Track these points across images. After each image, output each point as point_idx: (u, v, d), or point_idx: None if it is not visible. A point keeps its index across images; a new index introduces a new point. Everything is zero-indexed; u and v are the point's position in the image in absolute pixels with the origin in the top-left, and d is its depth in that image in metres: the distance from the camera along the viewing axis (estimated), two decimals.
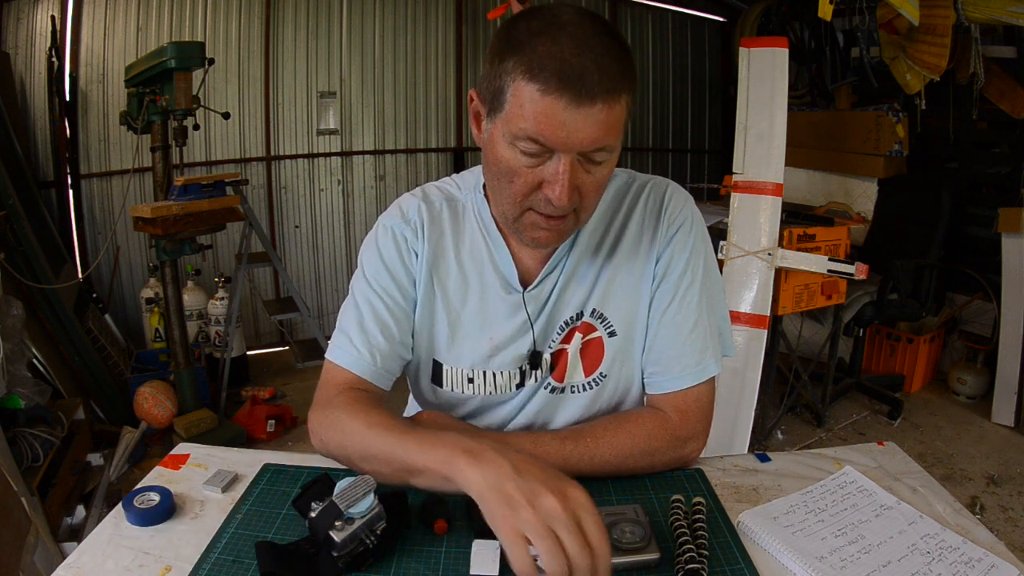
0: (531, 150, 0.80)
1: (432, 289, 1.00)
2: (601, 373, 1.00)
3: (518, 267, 0.98)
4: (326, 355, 1.00)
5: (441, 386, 1.03)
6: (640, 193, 1.00)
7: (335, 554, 0.75)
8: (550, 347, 1.00)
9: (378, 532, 0.77)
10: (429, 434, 0.80)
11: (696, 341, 0.98)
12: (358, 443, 0.87)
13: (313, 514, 0.77)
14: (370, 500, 0.77)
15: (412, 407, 1.17)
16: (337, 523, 0.75)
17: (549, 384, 1.01)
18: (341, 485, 0.78)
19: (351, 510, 0.76)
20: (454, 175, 1.07)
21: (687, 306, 0.97)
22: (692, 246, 0.98)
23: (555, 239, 0.90)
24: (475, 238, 1.00)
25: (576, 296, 0.99)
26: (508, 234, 0.99)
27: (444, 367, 1.02)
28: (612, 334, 0.99)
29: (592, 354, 1.00)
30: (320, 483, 0.84)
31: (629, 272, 0.98)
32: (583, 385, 1.01)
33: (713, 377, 0.99)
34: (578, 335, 1.00)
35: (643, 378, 1.03)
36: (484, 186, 0.99)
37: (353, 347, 0.97)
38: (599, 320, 0.99)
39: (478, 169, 1.01)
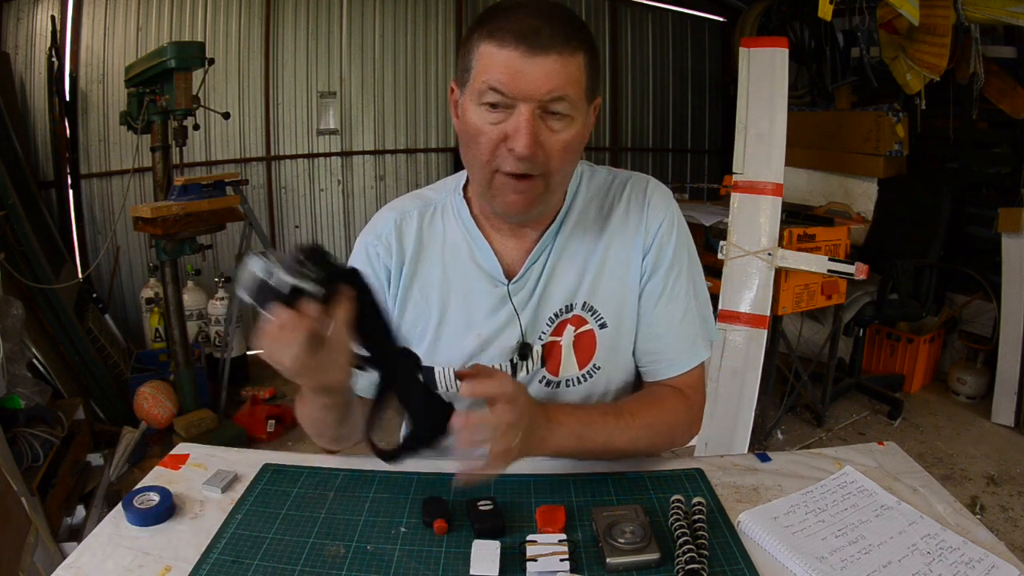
0: (494, 100, 0.84)
1: (412, 298, 1.03)
2: (595, 365, 1.02)
3: (501, 261, 1.00)
4: None
5: (436, 388, 1.04)
6: (623, 188, 1.03)
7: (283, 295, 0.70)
8: (540, 339, 1.01)
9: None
10: None
11: (688, 328, 1.02)
12: (309, 428, 0.98)
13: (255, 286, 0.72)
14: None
15: None
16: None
17: (544, 378, 1.02)
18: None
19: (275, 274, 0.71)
20: (439, 181, 1.10)
21: (676, 296, 1.01)
22: (676, 239, 1.02)
23: (525, 204, 0.90)
24: (455, 238, 1.02)
25: (563, 287, 1.00)
26: (488, 228, 1.01)
27: (435, 369, 1.03)
28: (603, 326, 1.01)
29: (584, 347, 1.01)
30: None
31: (616, 264, 1.01)
32: (578, 378, 1.03)
33: (703, 362, 1.04)
34: (570, 328, 1.01)
35: (639, 366, 1.06)
36: (465, 187, 1.03)
37: None
38: (589, 312, 1.01)
39: (460, 173, 1.05)
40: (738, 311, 2.63)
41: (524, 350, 1.00)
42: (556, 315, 1.00)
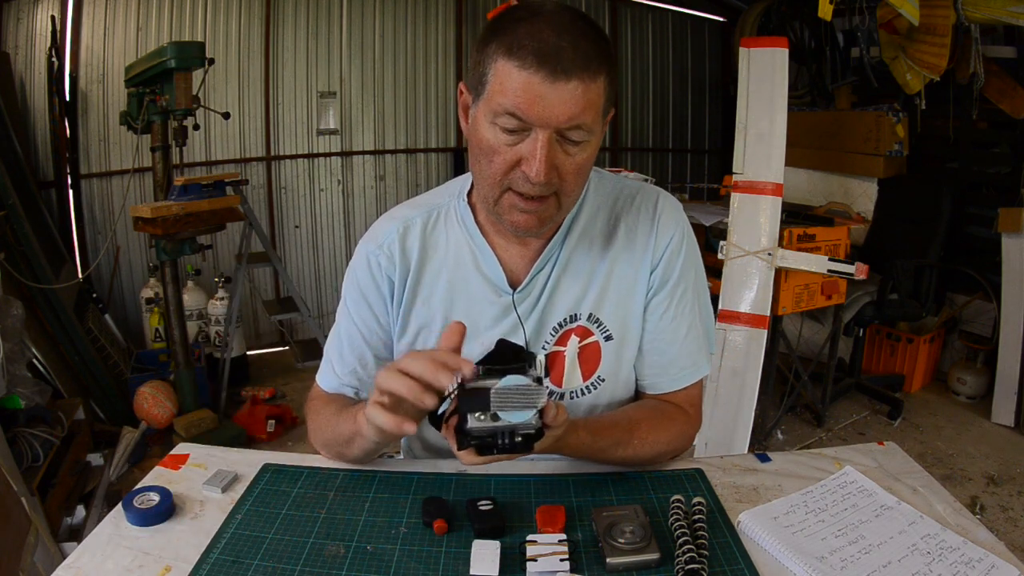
0: (510, 126, 0.82)
1: (416, 307, 1.01)
2: (599, 377, 1.01)
3: (505, 269, 0.98)
4: (316, 377, 1.09)
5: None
6: (632, 199, 1.01)
7: (463, 432, 0.71)
8: (544, 348, 1.00)
9: (517, 440, 0.71)
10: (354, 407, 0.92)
11: (691, 343, 1.02)
12: (320, 437, 1.00)
13: (469, 384, 0.71)
14: (528, 416, 0.70)
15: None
16: (480, 414, 0.70)
17: (548, 389, 1.01)
18: (509, 381, 0.71)
19: (501, 413, 0.69)
20: (441, 185, 1.08)
21: (682, 311, 1.01)
22: (685, 254, 1.01)
23: (535, 224, 0.89)
24: (459, 245, 1.00)
25: (568, 297, 0.99)
26: (493, 236, 0.99)
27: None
28: (608, 338, 1.00)
29: (589, 358, 1.00)
30: (518, 351, 0.77)
31: (623, 277, 0.99)
32: (582, 390, 1.02)
33: (703, 377, 1.05)
34: (574, 338, 1.00)
35: (640, 380, 1.05)
36: (469, 193, 1.01)
37: (335, 374, 1.05)
38: (595, 324, 1.00)
39: (463, 176, 1.03)
40: (738, 311, 2.63)
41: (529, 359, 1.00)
42: (560, 324, 0.99)
